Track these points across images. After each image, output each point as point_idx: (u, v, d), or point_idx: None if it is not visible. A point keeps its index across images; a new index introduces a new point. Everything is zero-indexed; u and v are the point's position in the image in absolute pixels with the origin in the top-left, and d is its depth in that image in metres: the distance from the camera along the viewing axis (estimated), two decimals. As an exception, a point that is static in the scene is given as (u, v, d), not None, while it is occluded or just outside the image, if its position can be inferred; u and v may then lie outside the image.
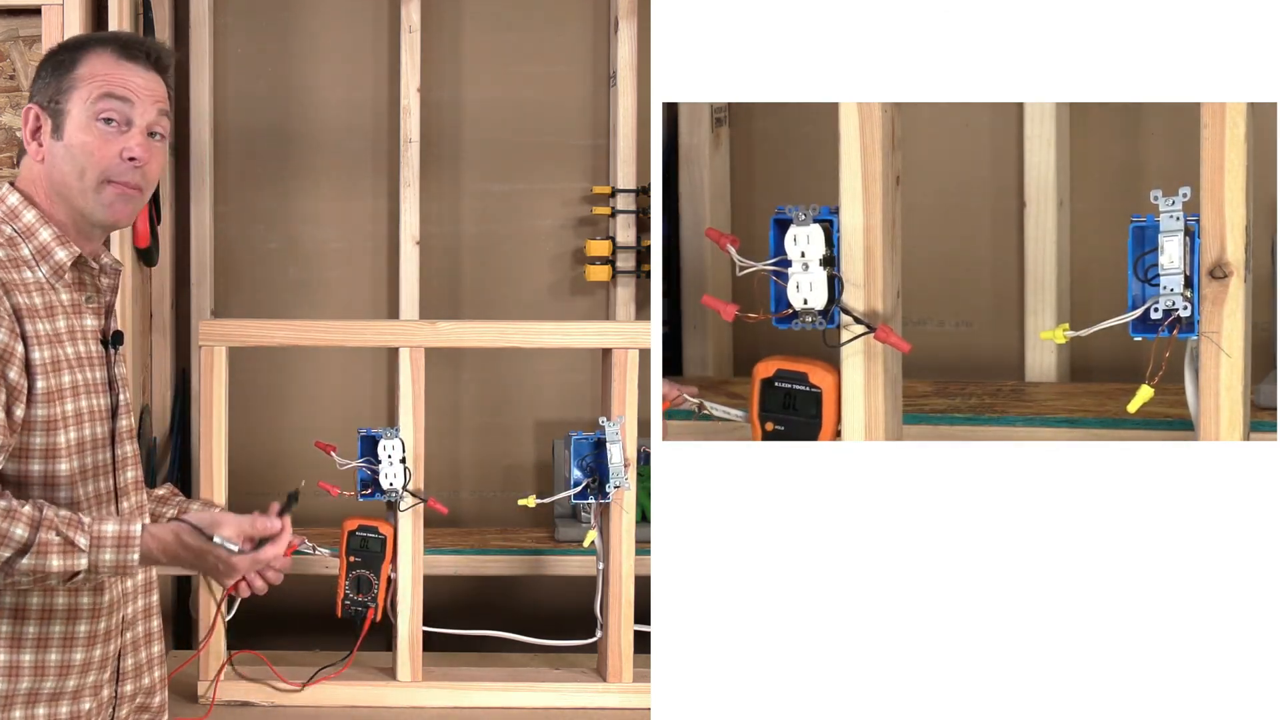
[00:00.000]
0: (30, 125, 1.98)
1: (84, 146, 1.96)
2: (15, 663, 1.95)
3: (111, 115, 1.96)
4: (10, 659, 1.95)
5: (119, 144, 1.97)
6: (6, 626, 1.94)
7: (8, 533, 1.85)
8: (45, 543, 1.87)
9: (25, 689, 1.95)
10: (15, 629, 1.95)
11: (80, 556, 1.88)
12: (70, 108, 1.96)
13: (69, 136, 1.96)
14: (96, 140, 1.96)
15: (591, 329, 2.56)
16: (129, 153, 1.97)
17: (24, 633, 1.95)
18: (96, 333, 2.01)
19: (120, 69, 1.98)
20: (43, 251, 1.96)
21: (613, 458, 2.46)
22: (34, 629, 1.95)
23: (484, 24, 3.01)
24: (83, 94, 1.96)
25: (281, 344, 2.52)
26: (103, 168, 1.96)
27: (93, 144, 1.96)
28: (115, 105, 1.96)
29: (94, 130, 1.96)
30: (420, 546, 2.51)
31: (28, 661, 1.95)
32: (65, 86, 1.97)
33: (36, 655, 1.96)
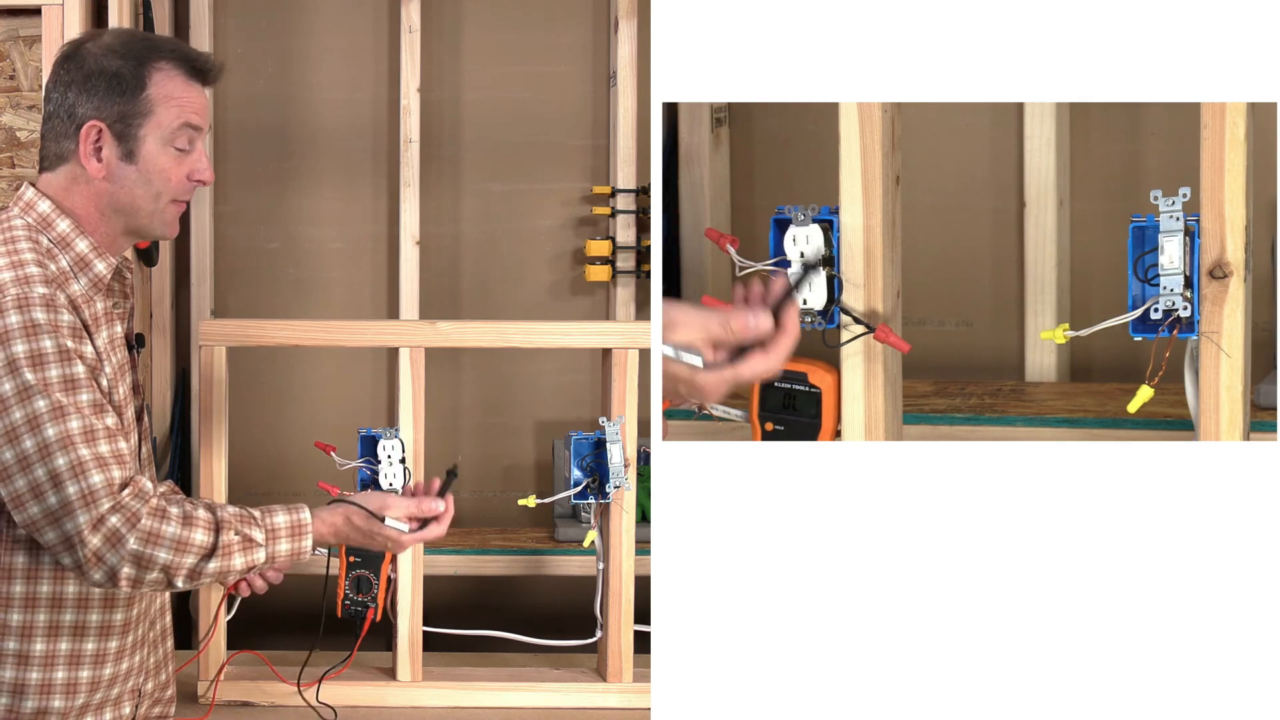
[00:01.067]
0: (91, 141, 1.93)
1: (162, 173, 1.95)
2: (74, 679, 1.97)
3: (186, 143, 1.97)
4: (69, 676, 1.96)
5: (187, 166, 1.98)
6: (66, 644, 1.96)
7: (189, 539, 1.87)
8: (228, 544, 1.90)
9: (81, 704, 1.97)
10: (74, 645, 1.96)
11: (259, 550, 1.92)
12: (145, 134, 1.94)
13: (145, 163, 1.94)
14: (173, 165, 1.96)
15: (591, 329, 2.56)
16: (198, 175, 1.99)
17: (83, 650, 1.96)
18: (123, 338, 2.02)
19: (193, 92, 1.98)
20: (81, 263, 1.95)
21: (613, 458, 2.46)
22: (92, 645, 1.97)
23: (484, 24, 3.01)
24: (160, 120, 1.94)
25: (281, 344, 2.52)
26: (175, 190, 1.97)
27: (170, 169, 1.96)
28: (193, 135, 1.97)
29: (170, 156, 1.96)
30: (420, 547, 2.51)
31: (85, 678, 1.97)
32: (138, 110, 1.93)
33: (95, 671, 1.97)
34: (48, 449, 1.82)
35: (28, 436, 1.82)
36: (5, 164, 2.76)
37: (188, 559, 1.86)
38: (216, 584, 1.94)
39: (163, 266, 2.91)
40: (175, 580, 1.87)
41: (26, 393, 1.82)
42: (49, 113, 1.96)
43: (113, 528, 1.82)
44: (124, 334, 2.02)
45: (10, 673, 1.92)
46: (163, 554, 1.85)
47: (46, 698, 1.93)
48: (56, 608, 1.93)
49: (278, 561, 1.95)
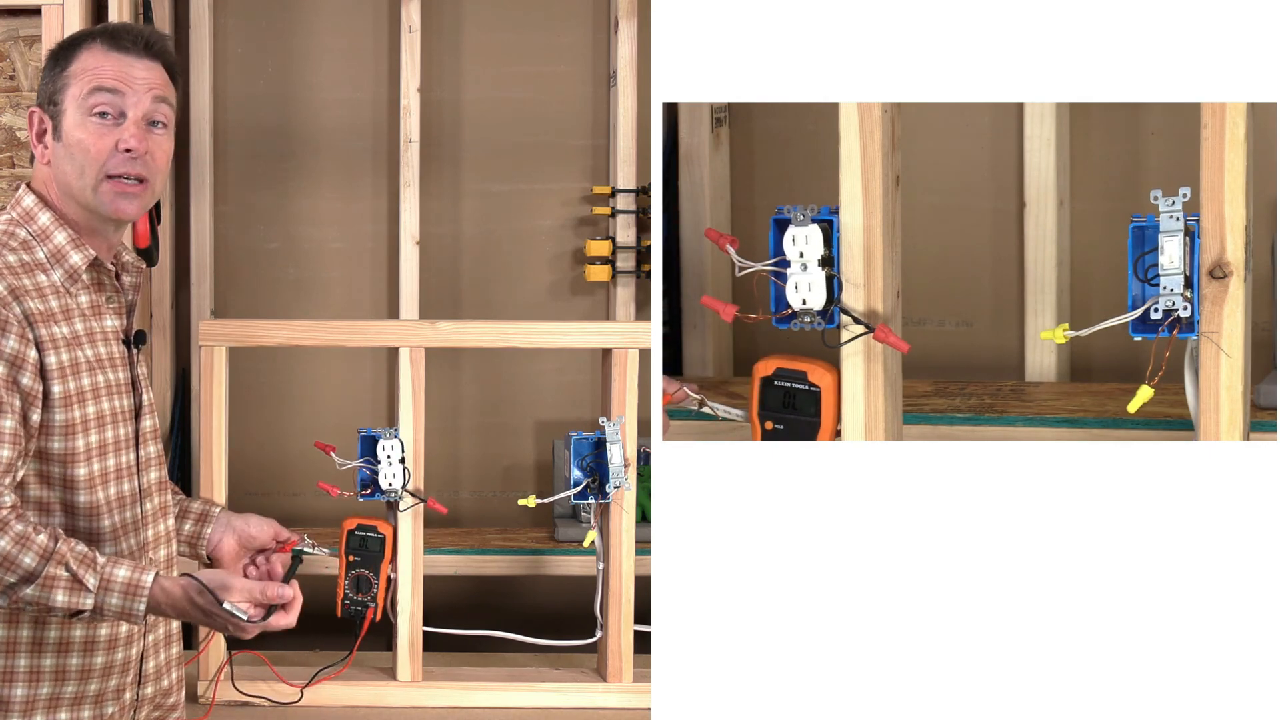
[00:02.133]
0: (35, 128, 1.97)
1: (80, 144, 1.94)
2: (36, 667, 1.94)
3: (105, 109, 1.94)
4: (31, 663, 1.94)
5: (113, 137, 1.94)
6: (28, 631, 1.94)
7: (16, 559, 1.83)
8: (52, 577, 1.84)
9: (46, 694, 1.95)
10: (36, 633, 1.94)
11: (87, 596, 1.85)
12: (66, 106, 1.95)
13: (66, 135, 1.94)
14: (92, 136, 1.94)
15: (591, 329, 2.56)
16: (124, 144, 1.94)
17: (45, 637, 1.94)
18: (118, 333, 2.01)
19: (110, 60, 1.95)
20: (57, 255, 1.95)
21: (613, 458, 2.46)
22: (55, 633, 1.94)
23: (484, 24, 3.01)
24: (75, 90, 1.94)
25: (281, 344, 2.52)
26: (100, 163, 1.94)
27: (88, 140, 1.94)
28: (107, 98, 1.94)
29: (89, 126, 1.94)
30: (420, 546, 2.51)
31: (49, 666, 1.94)
32: (60, 85, 1.95)
33: (58, 659, 1.95)
34: None
35: None
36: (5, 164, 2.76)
37: (8, 577, 1.82)
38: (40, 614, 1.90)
39: (163, 266, 2.91)
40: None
41: None
42: None
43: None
44: (121, 329, 2.01)
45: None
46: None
47: (9, 685, 1.92)
48: None
49: (106, 614, 1.87)
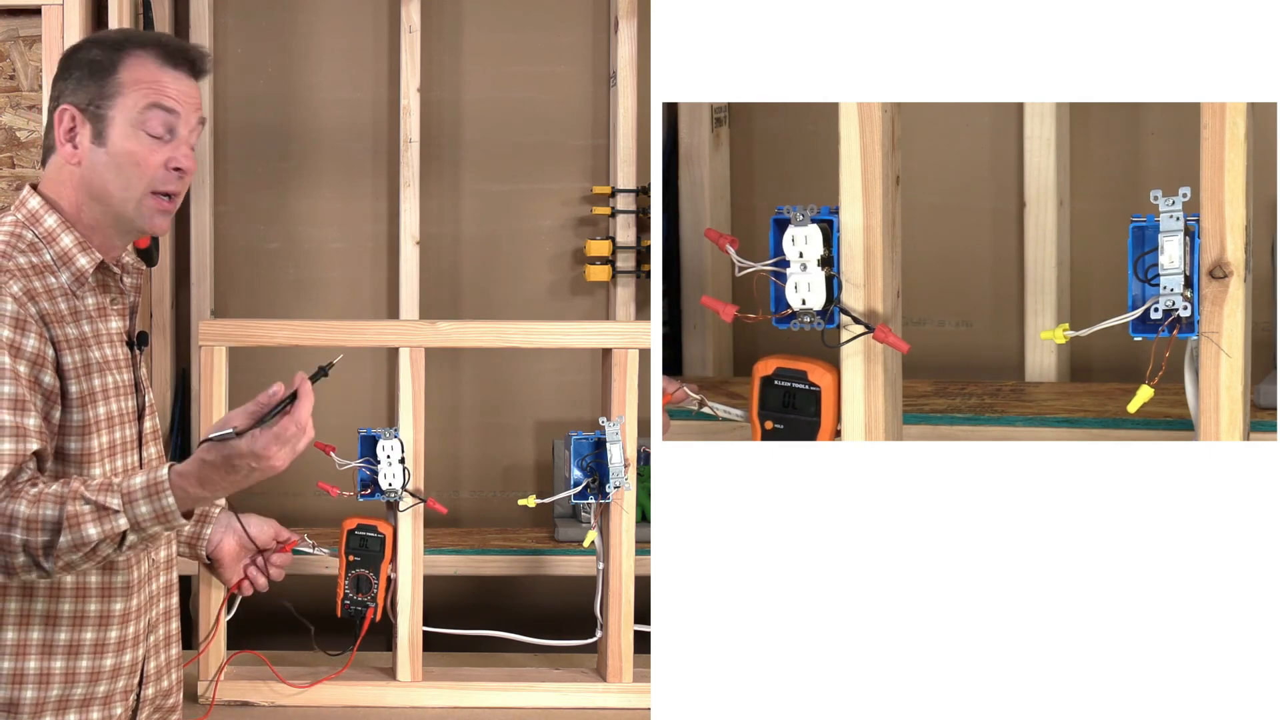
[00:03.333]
0: (64, 125, 1.95)
1: (130, 156, 1.95)
2: (46, 670, 1.94)
3: (161, 127, 1.95)
4: (41, 666, 1.94)
5: (164, 154, 1.96)
6: (39, 634, 1.94)
7: (38, 517, 1.82)
8: (75, 514, 1.82)
9: (56, 696, 1.95)
10: (47, 635, 1.94)
11: (118, 517, 1.83)
12: (114, 114, 1.94)
13: (113, 144, 1.94)
14: (144, 150, 1.95)
15: (591, 329, 2.56)
16: (175, 163, 1.96)
17: (55, 639, 1.94)
18: (122, 335, 2.01)
19: (167, 76, 1.96)
20: (64, 258, 1.95)
21: (613, 458, 2.46)
22: (65, 635, 1.95)
23: (484, 24, 3.01)
24: (128, 101, 1.94)
25: (281, 344, 2.52)
26: (149, 178, 1.95)
27: (140, 154, 1.95)
28: (164, 117, 1.95)
29: (140, 140, 1.95)
30: (420, 546, 2.51)
31: (59, 669, 1.95)
32: (108, 91, 1.94)
33: (68, 662, 1.95)
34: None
35: None
36: (5, 164, 2.76)
37: (41, 536, 1.81)
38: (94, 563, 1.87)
39: (163, 266, 2.91)
40: (42, 561, 1.82)
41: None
42: (47, 110, 1.99)
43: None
44: (124, 330, 2.02)
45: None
46: (18, 534, 1.80)
47: (18, 688, 1.92)
48: (28, 596, 1.92)
49: (145, 526, 1.84)
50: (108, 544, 1.83)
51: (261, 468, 1.83)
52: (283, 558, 2.34)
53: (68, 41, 2.58)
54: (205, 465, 1.83)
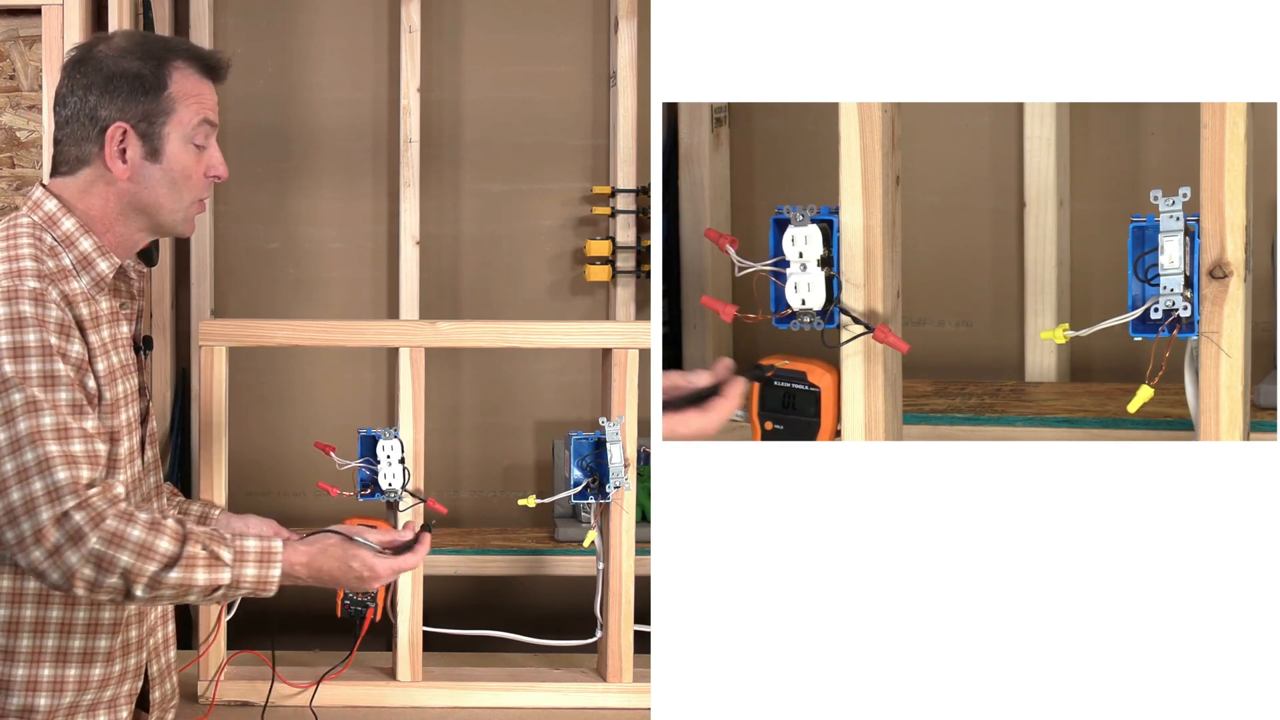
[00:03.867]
0: (116, 142, 1.94)
1: (184, 171, 1.97)
2: (60, 678, 1.95)
3: (204, 139, 1.99)
4: (55, 674, 1.95)
5: (204, 163, 2.00)
6: (53, 641, 1.94)
7: (154, 545, 1.83)
8: (192, 556, 1.85)
9: (69, 703, 1.96)
10: (61, 643, 1.95)
11: (224, 570, 1.86)
12: (169, 132, 1.96)
13: (170, 161, 1.96)
14: (194, 163, 1.98)
15: (591, 329, 2.56)
16: (213, 171, 2.01)
17: (70, 647, 1.95)
18: (129, 339, 2.02)
19: (204, 87, 2.00)
20: (84, 262, 1.95)
21: (613, 458, 2.46)
22: (80, 643, 1.95)
23: (484, 24, 3.01)
24: (181, 118, 1.96)
25: (281, 344, 2.52)
26: (197, 189, 1.99)
27: (192, 167, 1.98)
28: (208, 130, 1.99)
29: (192, 154, 1.98)
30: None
31: (72, 676, 1.95)
32: (161, 109, 1.95)
33: (82, 670, 1.96)
34: (17, 443, 1.80)
35: (7, 459, 1.80)
36: (5, 164, 2.76)
37: (150, 565, 1.81)
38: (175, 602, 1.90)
39: (163, 266, 2.91)
40: (135, 588, 1.82)
41: (3, 385, 1.81)
42: (66, 117, 1.96)
43: (75, 525, 1.79)
44: (131, 335, 2.02)
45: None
46: (125, 557, 1.80)
47: (32, 694, 1.93)
48: (42, 604, 1.92)
49: (242, 587, 1.88)
50: (202, 592, 1.87)
51: (364, 580, 1.97)
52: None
53: (68, 42, 2.58)
54: (325, 552, 1.95)
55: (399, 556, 1.99)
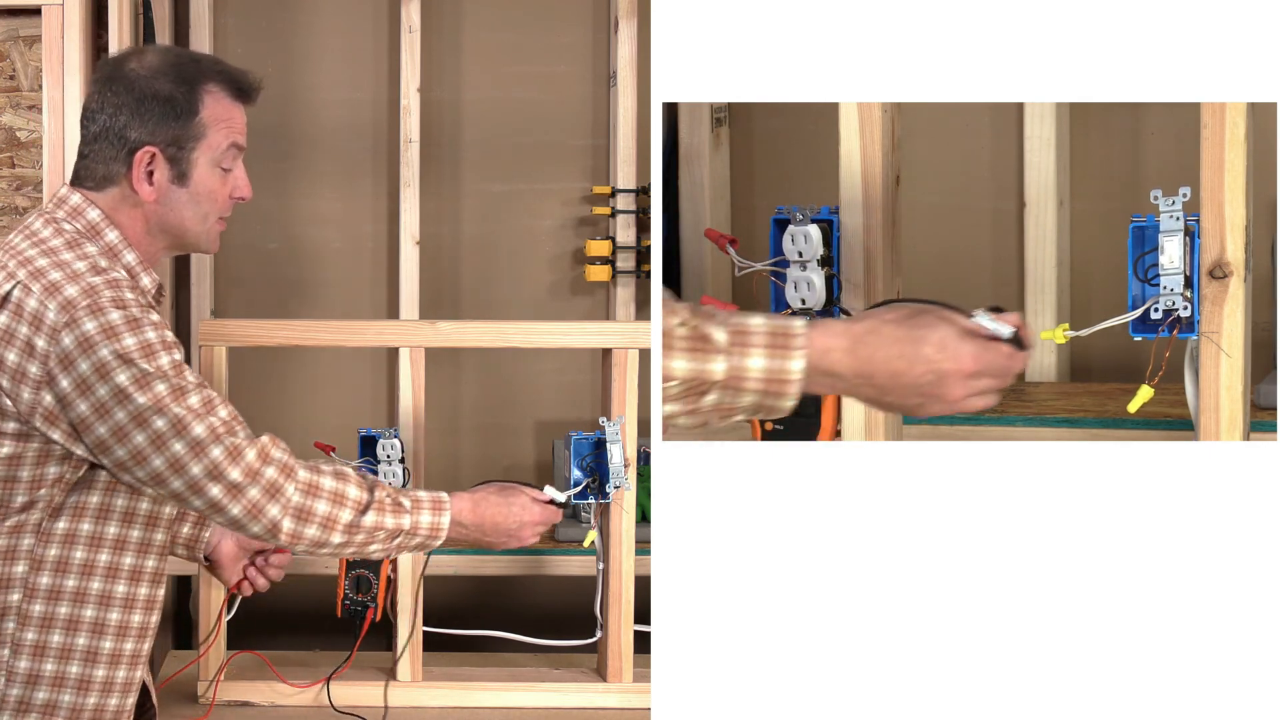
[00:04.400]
0: (144, 165, 1.95)
1: (211, 194, 1.99)
2: (87, 676, 1.97)
3: (231, 162, 2.00)
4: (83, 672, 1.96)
5: (230, 184, 2.01)
6: (84, 640, 1.96)
7: (345, 492, 1.93)
8: (380, 501, 1.95)
9: (92, 704, 1.97)
10: (91, 642, 1.96)
11: (405, 516, 1.97)
12: (198, 157, 1.97)
13: (197, 185, 1.97)
14: (219, 185, 1.99)
15: (591, 329, 2.56)
16: (238, 193, 2.02)
17: (99, 647, 1.96)
18: None
19: (235, 111, 2.01)
20: (130, 275, 1.97)
21: (613, 458, 2.46)
22: (109, 644, 1.97)
23: (484, 24, 3.01)
24: (210, 143, 1.97)
25: (281, 344, 2.52)
26: (220, 208, 2.01)
27: (217, 189, 1.99)
28: (236, 154, 2.01)
29: (217, 176, 1.99)
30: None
31: (99, 676, 1.97)
32: (193, 133, 1.96)
33: (109, 671, 1.98)
34: (181, 423, 1.85)
35: (157, 418, 1.84)
36: (5, 164, 2.76)
37: (344, 512, 1.92)
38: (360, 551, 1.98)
39: (163, 267, 2.90)
40: (331, 535, 1.92)
41: (145, 379, 1.84)
42: (94, 134, 1.96)
43: (270, 479, 1.89)
44: None
45: (26, 663, 1.93)
46: (321, 506, 1.91)
47: (58, 690, 1.94)
48: (79, 602, 1.94)
49: (419, 534, 1.98)
50: (388, 537, 1.96)
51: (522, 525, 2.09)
52: (281, 558, 2.34)
53: (68, 41, 2.58)
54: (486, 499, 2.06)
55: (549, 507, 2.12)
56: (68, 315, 1.83)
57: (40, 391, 1.84)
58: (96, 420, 1.83)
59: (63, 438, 1.85)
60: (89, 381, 1.83)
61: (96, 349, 1.83)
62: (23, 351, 1.84)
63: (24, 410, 1.84)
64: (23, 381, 1.84)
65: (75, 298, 1.85)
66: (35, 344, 1.83)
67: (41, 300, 1.84)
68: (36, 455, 1.87)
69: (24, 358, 1.84)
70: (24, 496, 1.88)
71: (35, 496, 1.89)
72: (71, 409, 1.84)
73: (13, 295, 1.85)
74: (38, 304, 1.84)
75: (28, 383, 1.84)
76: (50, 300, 1.84)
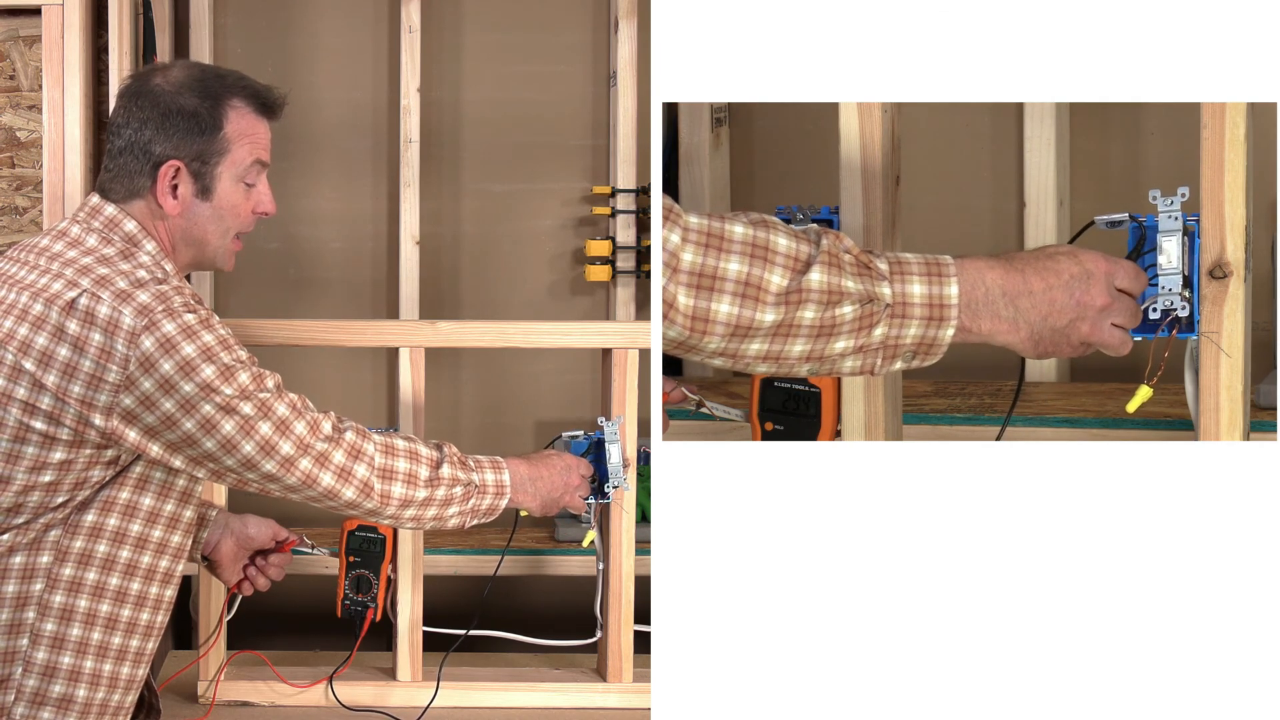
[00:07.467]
0: (168, 179, 1.97)
1: (233, 209, 2.02)
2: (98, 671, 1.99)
3: (255, 178, 2.03)
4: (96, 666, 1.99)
5: (252, 200, 2.04)
6: (99, 635, 1.98)
7: (416, 449, 2.05)
8: (450, 454, 2.07)
9: (100, 700, 1.99)
10: (105, 637, 1.98)
11: (472, 472, 2.08)
12: (221, 172, 1.99)
13: (220, 200, 2.00)
14: (241, 200, 2.02)
15: (591, 329, 2.56)
16: (261, 208, 2.05)
17: (110, 643, 1.99)
18: None
19: (259, 126, 2.04)
20: None
21: (612, 458, 2.46)
22: (119, 640, 1.99)
23: (484, 24, 3.01)
24: (234, 158, 2.00)
25: (281, 343, 2.52)
26: (240, 224, 2.04)
27: (240, 205, 2.02)
28: (260, 170, 2.04)
29: (240, 191, 2.02)
30: (420, 546, 2.51)
31: (119, 673, 2.00)
32: (215, 149, 1.98)
33: (116, 667, 2.00)
34: (267, 407, 1.94)
35: (245, 403, 1.91)
36: (5, 164, 2.76)
37: (422, 468, 2.03)
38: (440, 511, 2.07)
39: (163, 266, 2.91)
40: (416, 491, 2.02)
41: (229, 371, 1.91)
42: (120, 148, 1.98)
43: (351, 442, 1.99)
44: None
45: (43, 654, 1.93)
46: (401, 463, 2.02)
47: (74, 684, 1.94)
48: (97, 596, 1.94)
49: (486, 493, 2.09)
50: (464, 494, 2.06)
51: (579, 483, 2.22)
52: (281, 558, 2.35)
53: (68, 42, 2.58)
54: (543, 460, 2.18)
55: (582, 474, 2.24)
56: (146, 319, 1.86)
57: (119, 394, 1.86)
58: (183, 415, 1.88)
59: (139, 436, 1.88)
60: (173, 380, 1.87)
61: (179, 348, 1.87)
62: (99, 358, 1.85)
63: (96, 414, 1.86)
64: (99, 387, 1.86)
65: (149, 303, 1.88)
66: (113, 349, 1.85)
67: (114, 307, 1.87)
68: (87, 461, 1.90)
69: (100, 363, 1.85)
70: (64, 497, 1.91)
71: (74, 495, 1.91)
72: (155, 408, 1.87)
73: (79, 303, 1.87)
74: (110, 310, 1.86)
75: (105, 388, 1.86)
76: (124, 306, 1.87)
